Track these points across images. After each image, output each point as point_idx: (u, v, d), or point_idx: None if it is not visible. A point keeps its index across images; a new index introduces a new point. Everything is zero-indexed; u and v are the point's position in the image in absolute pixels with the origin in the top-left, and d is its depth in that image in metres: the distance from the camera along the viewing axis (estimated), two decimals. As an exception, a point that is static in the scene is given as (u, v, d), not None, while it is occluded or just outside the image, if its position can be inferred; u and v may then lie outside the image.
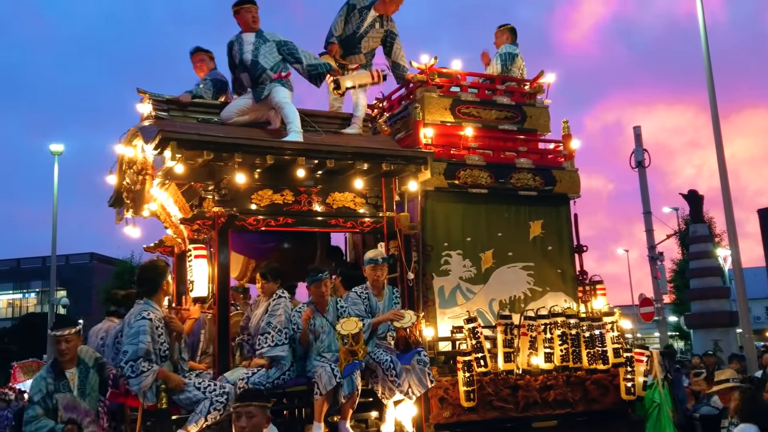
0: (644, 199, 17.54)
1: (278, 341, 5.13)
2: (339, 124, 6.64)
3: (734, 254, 13.25)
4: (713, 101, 12.89)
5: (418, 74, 6.97)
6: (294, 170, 5.70)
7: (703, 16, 13.13)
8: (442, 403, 5.94)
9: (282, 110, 5.92)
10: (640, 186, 17.61)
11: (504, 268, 6.82)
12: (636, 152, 17.37)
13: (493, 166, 6.90)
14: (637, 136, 17.56)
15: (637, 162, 17.30)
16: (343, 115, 6.82)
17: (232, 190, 5.63)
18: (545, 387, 6.30)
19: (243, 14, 6.17)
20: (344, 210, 6.07)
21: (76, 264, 44.42)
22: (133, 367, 4.55)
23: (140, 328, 4.65)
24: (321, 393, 5.08)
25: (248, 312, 5.66)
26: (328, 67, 6.24)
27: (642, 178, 17.51)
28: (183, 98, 6.16)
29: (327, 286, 5.57)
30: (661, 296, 17.71)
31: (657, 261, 17.74)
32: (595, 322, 6.50)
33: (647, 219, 17.62)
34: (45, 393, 4.59)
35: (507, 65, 7.43)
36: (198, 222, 5.49)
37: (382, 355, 5.42)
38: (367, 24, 6.88)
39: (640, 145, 17.43)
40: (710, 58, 12.98)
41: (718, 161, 12.84)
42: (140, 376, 4.55)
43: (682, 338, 32.93)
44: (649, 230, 17.71)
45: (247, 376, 5.02)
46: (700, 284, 19.88)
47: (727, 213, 12.81)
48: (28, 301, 46.71)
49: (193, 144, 5.22)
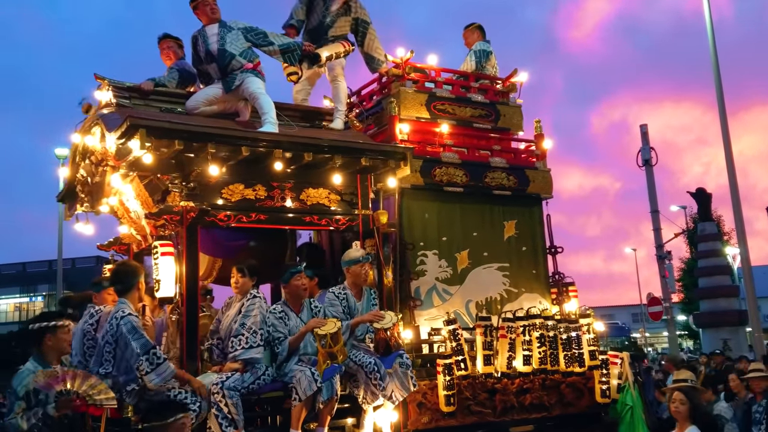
0: (651, 198, 17.31)
1: (252, 343, 4.79)
2: (312, 118, 6.34)
3: (743, 252, 13.12)
4: (721, 98, 12.67)
5: (393, 68, 6.76)
6: (267, 164, 5.39)
7: (709, 12, 12.86)
8: (421, 408, 5.71)
9: (257, 101, 5.60)
10: (648, 184, 17.34)
11: (480, 269, 6.68)
12: (643, 150, 17.16)
13: (469, 165, 6.75)
14: (644, 135, 17.36)
15: (644, 160, 17.10)
16: (314, 109, 6.53)
17: (201, 183, 5.27)
18: (522, 390, 6.17)
19: (201, 8, 5.83)
20: (318, 207, 5.79)
21: (82, 267, 42.35)
22: (149, 360, 4.29)
23: (133, 323, 4.40)
24: (300, 399, 4.78)
25: (219, 314, 5.29)
26: (300, 44, 5.97)
27: (649, 176, 17.25)
28: (145, 86, 5.77)
29: (304, 283, 5.27)
30: (669, 295, 17.50)
31: (665, 260, 17.55)
32: (572, 323, 6.41)
33: (655, 218, 17.40)
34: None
35: (482, 62, 7.31)
36: (165, 217, 5.09)
37: (364, 357, 5.15)
38: (333, 12, 6.56)
39: (647, 143, 17.23)
40: (717, 55, 12.75)
41: (726, 159, 12.64)
42: (160, 366, 4.29)
43: (691, 337, 32.78)
44: (657, 229, 17.48)
45: (221, 380, 4.66)
46: (709, 283, 19.77)
47: (735, 211, 12.69)
48: (34, 305, 45.02)
49: (164, 132, 4.84)
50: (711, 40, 12.82)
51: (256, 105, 5.62)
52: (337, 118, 6.25)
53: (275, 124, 5.51)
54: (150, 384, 4.32)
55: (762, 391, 5.84)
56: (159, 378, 4.32)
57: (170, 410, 3.19)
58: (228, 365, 4.88)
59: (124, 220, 6.15)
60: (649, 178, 17.28)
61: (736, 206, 12.65)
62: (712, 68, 12.84)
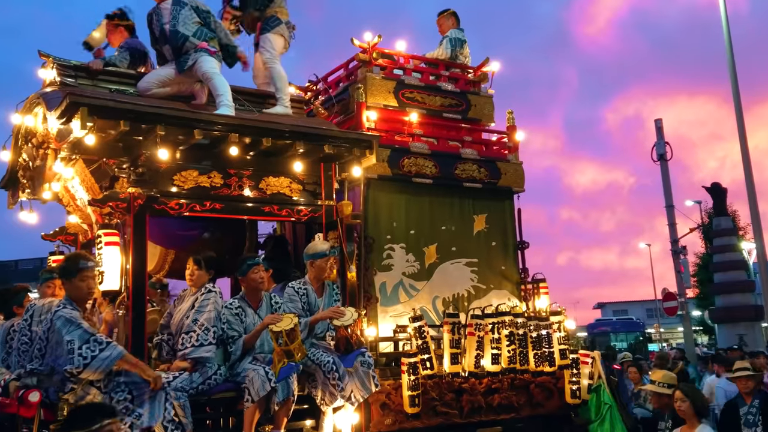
0: (666, 193, 16.90)
1: (204, 341, 4.45)
2: (272, 103, 6.01)
3: (759, 247, 12.69)
4: (736, 92, 12.39)
5: (360, 53, 6.45)
6: (224, 149, 5.05)
7: (724, 5, 12.54)
8: (384, 409, 5.43)
9: (210, 81, 5.26)
10: (663, 179, 16.95)
11: (448, 264, 6.43)
12: (657, 145, 16.69)
13: (438, 156, 6.49)
14: (659, 129, 16.93)
15: (659, 155, 16.65)
16: (273, 94, 6.19)
17: (151, 169, 4.90)
18: (490, 391, 5.93)
19: None
20: (279, 196, 5.46)
21: (25, 269, 40.62)
22: (90, 347, 3.88)
23: (66, 316, 4.01)
24: (253, 400, 4.46)
25: (171, 308, 4.93)
26: (235, 49, 5.72)
27: (664, 171, 16.83)
28: (94, 65, 5.41)
29: (262, 276, 4.95)
30: (684, 291, 17.04)
31: (680, 255, 17.12)
32: (542, 321, 6.18)
33: (670, 213, 16.98)
34: None
35: (456, 50, 7.05)
36: (110, 204, 4.73)
37: (322, 356, 4.85)
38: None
39: (661, 137, 16.77)
40: (732, 48, 12.43)
41: (742, 153, 12.42)
42: (103, 351, 3.88)
43: (706, 333, 32.43)
44: (672, 224, 17.04)
45: (167, 380, 4.32)
46: (725, 278, 19.55)
47: (751, 205, 12.44)
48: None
49: (108, 112, 4.48)
50: (726, 33, 12.49)
51: (209, 86, 5.30)
52: (280, 103, 5.85)
53: (231, 107, 5.19)
54: (92, 374, 3.93)
55: (750, 391, 5.55)
56: (103, 364, 3.90)
57: (97, 414, 2.83)
58: (176, 364, 4.54)
59: (70, 209, 5.78)
60: (663, 172, 16.91)
61: (752, 201, 12.41)
62: (727, 62, 12.52)
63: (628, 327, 33.08)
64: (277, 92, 5.86)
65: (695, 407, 4.58)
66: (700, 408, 4.62)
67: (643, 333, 32.95)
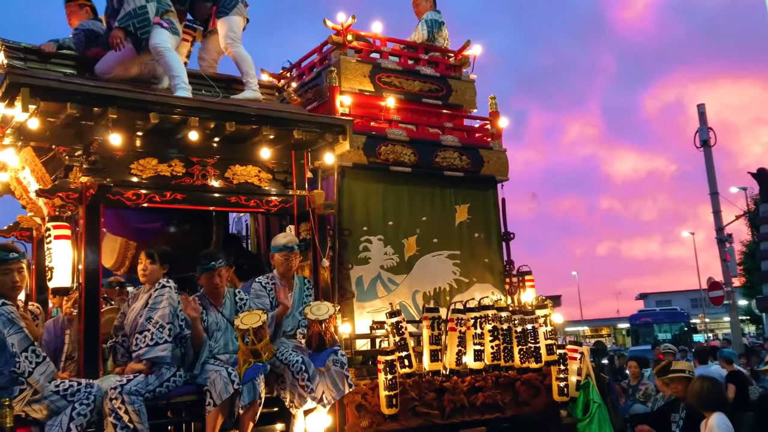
0: (710, 180, 16.56)
1: (159, 340, 4.10)
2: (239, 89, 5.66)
3: None
4: None
5: (333, 35, 6.12)
6: (185, 135, 4.71)
7: None
8: (360, 410, 5.11)
9: (163, 58, 4.91)
10: (706, 166, 16.60)
11: (429, 257, 6.12)
12: (700, 131, 16.40)
13: (417, 143, 6.17)
14: (701, 114, 16.59)
15: (702, 141, 16.36)
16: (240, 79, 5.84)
17: (105, 156, 4.56)
18: (473, 389, 5.61)
19: None
20: (246, 186, 5.12)
21: None
22: (28, 358, 3.73)
23: (10, 315, 3.78)
24: (215, 403, 4.14)
25: (125, 307, 4.58)
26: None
27: (707, 157, 16.53)
28: (46, 47, 5.06)
29: (221, 277, 4.62)
30: (730, 280, 16.67)
31: (726, 243, 16.78)
32: (527, 315, 5.87)
33: (714, 200, 16.65)
34: None
35: (433, 32, 6.73)
36: (60, 195, 4.38)
37: (291, 355, 4.52)
38: None
39: (704, 123, 16.46)
40: None
41: None
42: (39, 366, 3.76)
43: (754, 322, 31.73)
44: (717, 212, 16.69)
45: (121, 384, 3.98)
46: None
47: None
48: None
49: (53, 93, 4.12)
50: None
51: (161, 64, 4.95)
52: (248, 87, 5.47)
53: (188, 89, 4.85)
54: (36, 385, 3.75)
55: (682, 396, 5.18)
56: (41, 379, 3.76)
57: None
58: (130, 366, 4.19)
59: (23, 202, 5.42)
60: (707, 159, 16.60)
61: (801, 186, 12.17)
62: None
63: (671, 318, 31.95)
64: (244, 76, 5.52)
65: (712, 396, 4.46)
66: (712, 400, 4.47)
67: (687, 323, 31.92)
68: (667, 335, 28.83)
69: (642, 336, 29.08)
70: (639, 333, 28.74)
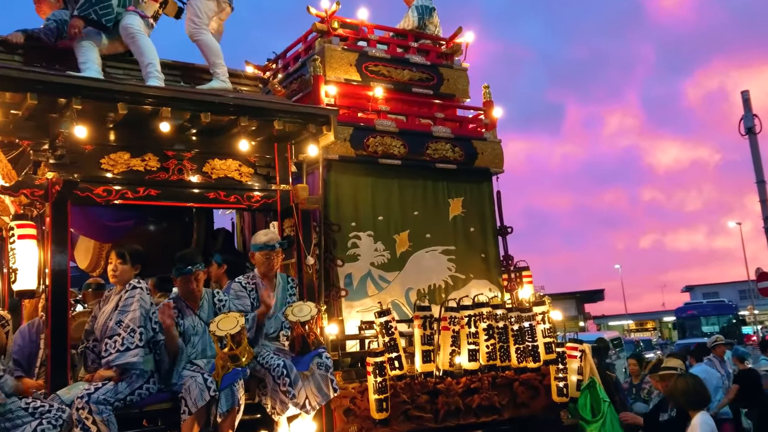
0: (757, 168, 15.95)
1: (129, 344, 3.85)
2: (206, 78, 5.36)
3: None
4: None
5: (317, 23, 5.86)
6: (158, 127, 4.45)
7: None
8: (348, 415, 4.84)
9: (134, 42, 4.65)
10: (752, 154, 16.08)
11: (422, 252, 5.86)
12: (745, 119, 15.85)
13: (407, 134, 5.91)
14: (746, 101, 16.06)
15: (747, 129, 15.78)
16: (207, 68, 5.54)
17: (73, 150, 4.31)
18: (469, 391, 5.33)
19: None
20: (226, 181, 4.87)
21: None
22: None
23: None
24: (190, 411, 3.89)
25: (96, 310, 4.32)
26: None
27: (753, 145, 15.99)
28: (13, 38, 4.79)
29: (199, 281, 4.34)
30: None
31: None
32: (524, 312, 5.60)
33: (761, 188, 15.98)
34: None
35: (424, 19, 6.46)
36: (25, 192, 4.13)
37: (272, 358, 4.25)
38: None
39: (749, 110, 15.94)
40: None
41: None
42: None
43: None
44: (764, 200, 16.04)
45: (87, 393, 3.72)
46: None
47: None
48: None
49: (10, 83, 3.87)
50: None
51: (133, 50, 4.68)
52: (216, 78, 5.14)
53: (161, 78, 4.58)
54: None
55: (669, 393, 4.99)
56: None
57: None
58: (99, 373, 3.93)
59: (-9, 200, 5.14)
60: (753, 147, 16.07)
61: None
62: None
63: (719, 310, 30.86)
64: (211, 66, 5.21)
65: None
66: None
67: (736, 316, 30.91)
68: (714, 328, 27.74)
69: (689, 329, 28.38)
70: (685, 326, 28.03)
